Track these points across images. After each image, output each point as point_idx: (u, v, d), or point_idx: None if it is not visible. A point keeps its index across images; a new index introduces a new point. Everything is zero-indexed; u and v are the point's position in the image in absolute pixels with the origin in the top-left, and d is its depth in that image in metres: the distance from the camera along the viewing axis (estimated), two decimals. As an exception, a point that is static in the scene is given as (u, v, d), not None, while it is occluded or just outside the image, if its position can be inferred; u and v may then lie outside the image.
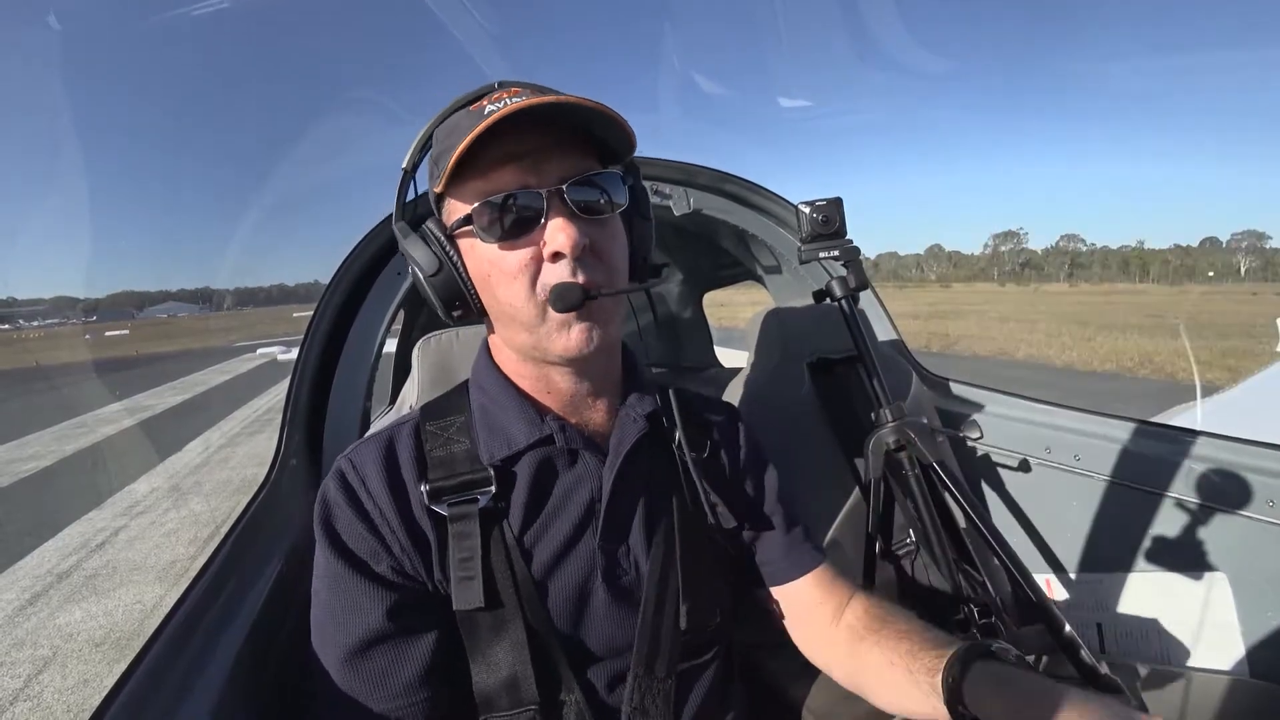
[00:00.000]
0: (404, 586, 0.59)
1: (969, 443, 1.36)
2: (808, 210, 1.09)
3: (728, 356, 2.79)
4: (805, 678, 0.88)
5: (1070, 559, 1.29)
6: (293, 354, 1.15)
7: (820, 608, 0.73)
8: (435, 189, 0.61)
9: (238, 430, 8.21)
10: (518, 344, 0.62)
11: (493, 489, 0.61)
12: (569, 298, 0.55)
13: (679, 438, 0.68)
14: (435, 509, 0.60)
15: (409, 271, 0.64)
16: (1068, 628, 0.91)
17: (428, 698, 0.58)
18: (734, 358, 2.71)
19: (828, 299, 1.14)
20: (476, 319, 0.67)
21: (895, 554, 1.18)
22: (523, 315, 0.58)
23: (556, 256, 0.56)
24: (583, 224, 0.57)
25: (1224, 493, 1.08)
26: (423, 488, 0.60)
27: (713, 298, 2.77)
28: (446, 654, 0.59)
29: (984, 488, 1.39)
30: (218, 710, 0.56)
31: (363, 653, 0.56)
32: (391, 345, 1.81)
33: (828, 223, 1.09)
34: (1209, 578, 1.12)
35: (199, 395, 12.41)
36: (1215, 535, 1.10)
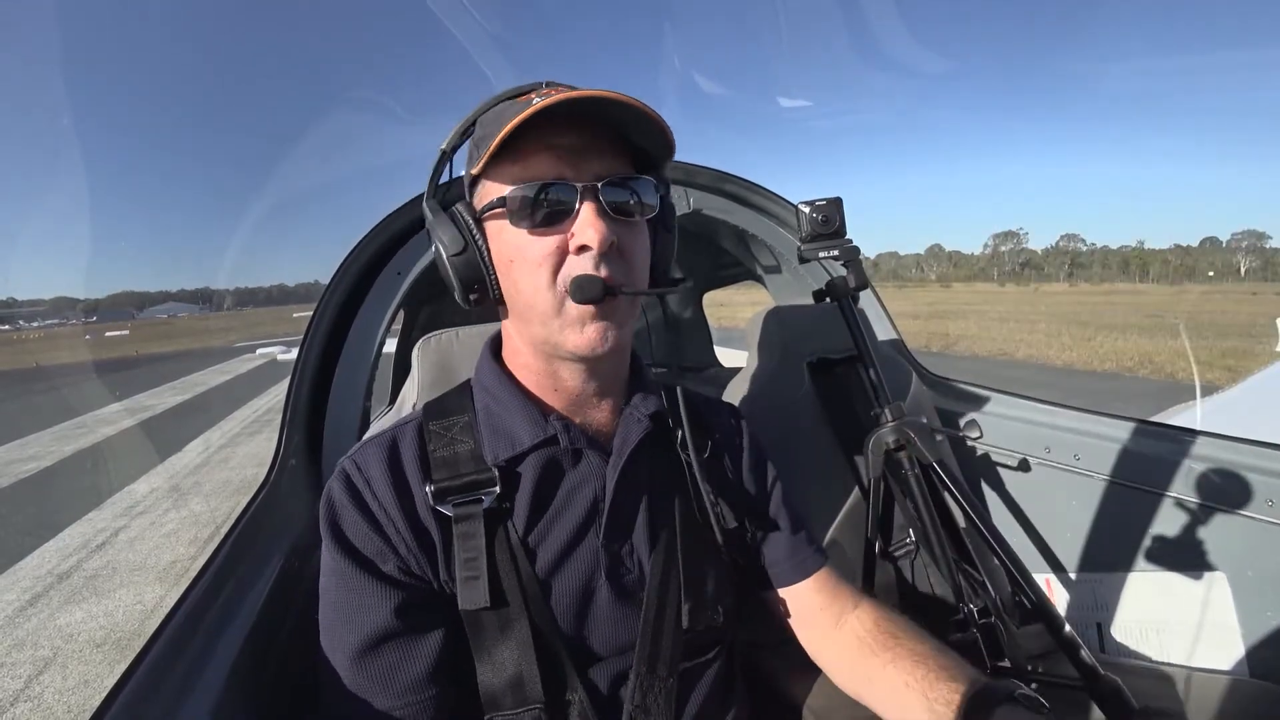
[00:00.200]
0: (410, 586, 0.59)
1: (969, 442, 1.36)
2: (807, 210, 1.10)
3: (728, 356, 2.79)
4: (807, 677, 0.88)
5: (1070, 559, 1.29)
6: (293, 354, 1.15)
7: (824, 612, 0.73)
8: (472, 170, 0.61)
9: (238, 430, 8.20)
10: (531, 336, 0.62)
11: (497, 489, 0.61)
12: (589, 290, 0.56)
13: (683, 437, 0.68)
14: (440, 509, 0.60)
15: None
16: (1068, 628, 0.91)
17: (435, 695, 0.58)
18: (734, 358, 2.71)
19: (828, 299, 1.14)
20: (491, 308, 0.67)
21: (895, 554, 1.19)
22: (541, 305, 0.58)
23: (582, 250, 0.57)
24: (612, 222, 0.58)
25: (1224, 493, 1.08)
26: (427, 488, 0.60)
27: (713, 298, 2.77)
28: (453, 653, 0.60)
29: (984, 488, 1.39)
30: (218, 710, 0.56)
31: (371, 650, 0.57)
32: (391, 345, 1.82)
33: (827, 222, 1.09)
34: (1209, 578, 1.12)
35: (199, 395, 12.40)
36: (1215, 535, 1.10)
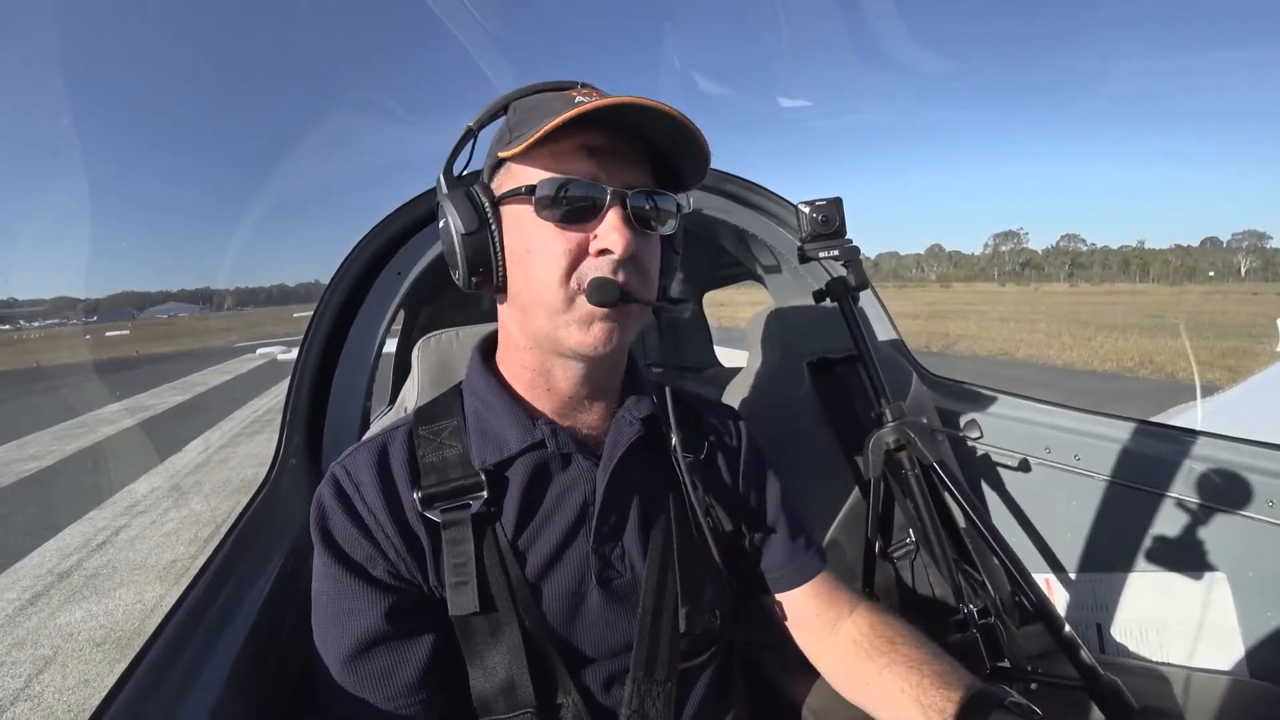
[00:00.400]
0: (401, 590, 0.59)
1: (969, 443, 1.36)
2: (808, 210, 1.10)
3: (728, 356, 2.79)
4: (806, 676, 0.88)
5: (1070, 559, 1.29)
6: (293, 354, 1.15)
7: (820, 617, 0.73)
8: (501, 153, 0.61)
9: (238, 430, 8.20)
10: (532, 330, 0.62)
11: (484, 494, 0.61)
12: (606, 293, 0.56)
13: (675, 440, 0.68)
14: (428, 515, 0.60)
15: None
16: (1068, 628, 0.91)
17: (426, 699, 0.58)
18: (734, 358, 2.71)
19: (828, 299, 1.14)
20: (491, 309, 0.67)
21: (894, 554, 1.19)
22: (549, 299, 0.58)
23: (604, 253, 0.57)
24: (634, 231, 0.58)
25: (1224, 493, 1.08)
26: (415, 494, 0.60)
27: (713, 298, 2.77)
28: (444, 657, 0.60)
29: (984, 488, 1.39)
30: (218, 710, 0.56)
31: (363, 654, 0.57)
32: (391, 345, 1.81)
33: (827, 222, 1.09)
34: (1209, 578, 1.12)
35: (199, 395, 12.40)
36: (1215, 535, 1.10)
